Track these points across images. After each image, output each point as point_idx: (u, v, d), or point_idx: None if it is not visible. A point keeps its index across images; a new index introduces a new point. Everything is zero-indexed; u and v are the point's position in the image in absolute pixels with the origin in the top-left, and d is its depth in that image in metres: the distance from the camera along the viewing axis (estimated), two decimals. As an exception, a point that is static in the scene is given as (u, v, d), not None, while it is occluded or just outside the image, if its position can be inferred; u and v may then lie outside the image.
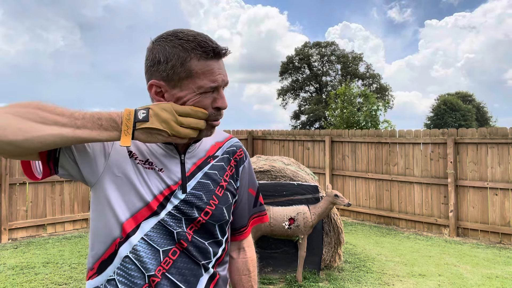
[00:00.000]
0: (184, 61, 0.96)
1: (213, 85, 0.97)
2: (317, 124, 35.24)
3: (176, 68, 0.96)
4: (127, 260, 0.97)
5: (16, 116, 0.84)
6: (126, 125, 0.90)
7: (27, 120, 0.84)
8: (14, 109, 0.85)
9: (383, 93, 35.65)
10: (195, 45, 0.96)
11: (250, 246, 1.28)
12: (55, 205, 6.84)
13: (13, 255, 5.43)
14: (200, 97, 0.98)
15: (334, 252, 4.86)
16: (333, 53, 37.84)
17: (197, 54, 0.96)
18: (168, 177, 1.01)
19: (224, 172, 1.11)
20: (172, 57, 0.96)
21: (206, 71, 0.97)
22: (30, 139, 0.83)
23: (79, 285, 4.34)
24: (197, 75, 0.96)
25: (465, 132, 6.78)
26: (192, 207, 1.02)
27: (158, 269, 0.97)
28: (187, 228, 1.01)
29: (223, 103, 1.00)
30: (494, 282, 4.52)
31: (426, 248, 5.95)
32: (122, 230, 0.97)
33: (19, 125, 0.83)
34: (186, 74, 0.96)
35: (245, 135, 10.26)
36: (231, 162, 1.14)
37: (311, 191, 4.62)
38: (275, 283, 4.41)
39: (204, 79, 0.97)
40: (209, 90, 0.98)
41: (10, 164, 6.36)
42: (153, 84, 0.99)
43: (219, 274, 1.08)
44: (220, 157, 1.12)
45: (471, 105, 42.34)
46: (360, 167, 8.13)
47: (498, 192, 6.33)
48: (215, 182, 1.08)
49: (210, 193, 1.05)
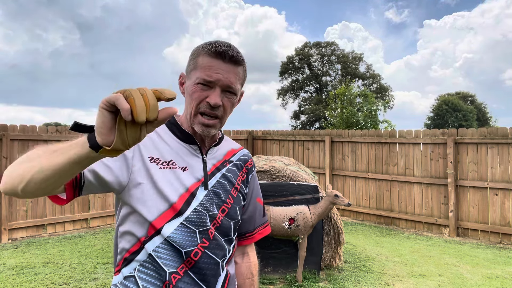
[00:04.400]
0: (197, 56, 1.09)
1: (207, 79, 1.05)
2: (317, 124, 35.23)
3: (190, 61, 1.11)
4: (148, 260, 1.04)
5: (13, 166, 0.89)
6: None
7: (19, 165, 0.87)
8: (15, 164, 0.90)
9: (383, 93, 35.64)
10: (209, 45, 1.08)
11: (253, 251, 1.38)
12: (55, 205, 6.84)
13: (13, 255, 5.43)
14: (197, 88, 1.06)
15: (334, 252, 4.86)
16: (333, 53, 37.83)
17: (205, 51, 1.08)
18: (192, 174, 1.10)
19: (237, 177, 1.22)
20: (192, 54, 1.12)
21: (207, 66, 1.06)
22: (29, 180, 0.83)
23: (79, 285, 4.34)
24: (199, 68, 1.07)
25: (465, 132, 6.78)
26: (212, 203, 1.11)
27: (181, 267, 1.05)
28: (210, 224, 1.09)
29: (212, 99, 1.05)
30: (494, 282, 4.51)
31: (426, 248, 5.95)
32: (148, 230, 1.04)
33: (17, 172, 0.86)
34: (193, 66, 1.09)
35: (245, 135, 10.26)
36: (243, 169, 1.25)
37: (311, 191, 4.62)
38: (275, 283, 4.41)
39: (202, 72, 1.06)
40: (202, 82, 1.05)
41: (10, 164, 6.36)
42: (181, 75, 1.16)
43: (230, 273, 1.16)
44: (235, 162, 1.23)
45: (472, 106, 42.34)
46: (360, 167, 8.12)
47: (498, 192, 6.33)
48: (231, 183, 1.18)
49: (227, 192, 1.16)
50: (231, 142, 1.29)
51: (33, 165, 0.82)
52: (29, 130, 6.65)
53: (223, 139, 1.25)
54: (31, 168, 0.82)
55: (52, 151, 0.81)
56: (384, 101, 23.27)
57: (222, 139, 1.24)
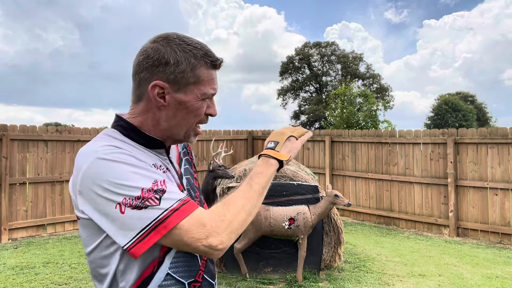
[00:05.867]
0: (195, 67, 0.98)
1: (213, 92, 1.03)
2: (317, 124, 35.23)
3: (186, 73, 0.97)
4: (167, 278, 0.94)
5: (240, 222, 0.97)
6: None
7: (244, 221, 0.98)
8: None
9: (383, 93, 35.64)
10: (204, 53, 0.99)
11: None
12: (55, 205, 6.85)
13: (13, 255, 5.43)
14: (203, 103, 1.01)
15: (334, 252, 4.86)
16: (333, 53, 37.82)
17: (206, 62, 1.00)
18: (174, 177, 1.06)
19: (191, 165, 1.21)
20: (183, 61, 0.96)
21: (210, 80, 1.01)
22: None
23: (79, 285, 4.34)
24: (203, 82, 0.99)
25: (465, 132, 6.78)
26: None
27: (199, 273, 1.01)
28: None
29: (214, 110, 1.06)
30: (494, 282, 4.51)
31: (426, 248, 5.95)
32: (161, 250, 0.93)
33: (242, 227, 0.98)
34: (195, 80, 0.98)
35: (245, 135, 10.26)
36: (189, 155, 1.23)
37: (311, 191, 4.62)
38: (275, 283, 4.41)
39: (208, 86, 1.01)
40: (209, 97, 1.03)
41: (10, 164, 6.36)
42: (157, 85, 0.96)
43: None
44: (182, 151, 1.20)
45: (472, 106, 42.34)
46: (360, 167, 8.12)
47: (498, 192, 6.32)
48: (191, 176, 1.17)
49: (193, 187, 1.14)
50: None
51: (253, 216, 0.99)
52: (29, 130, 6.65)
53: None
54: (252, 218, 0.99)
55: (260, 194, 1.01)
56: (384, 101, 23.27)
57: None
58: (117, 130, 1.00)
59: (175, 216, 0.85)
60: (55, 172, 6.86)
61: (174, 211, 0.85)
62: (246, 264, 4.52)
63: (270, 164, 1.06)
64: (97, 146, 0.91)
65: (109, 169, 0.86)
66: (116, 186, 0.84)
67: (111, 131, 1.00)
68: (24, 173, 6.55)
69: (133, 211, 0.83)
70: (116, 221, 0.84)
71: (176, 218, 0.85)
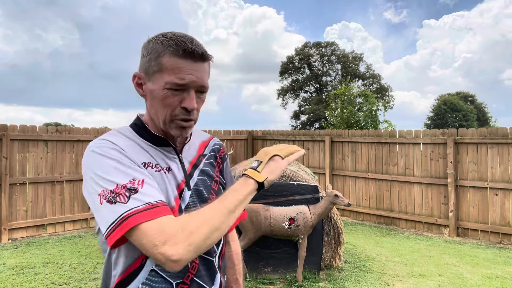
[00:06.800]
0: (158, 55, 0.98)
1: (179, 82, 0.97)
2: (317, 124, 35.23)
3: (151, 61, 0.99)
4: (153, 274, 0.98)
5: (201, 236, 0.91)
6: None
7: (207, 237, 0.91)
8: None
9: (383, 93, 35.64)
10: (172, 42, 0.97)
11: (234, 241, 1.35)
12: (55, 205, 6.85)
13: (13, 255, 5.43)
14: (168, 93, 0.98)
15: (334, 252, 4.86)
16: (333, 53, 37.82)
17: (170, 50, 0.97)
18: (175, 176, 1.05)
19: (214, 169, 1.19)
20: (151, 51, 1.00)
21: (176, 68, 0.97)
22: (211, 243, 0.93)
23: (79, 285, 4.34)
24: (166, 70, 0.97)
25: (465, 132, 6.78)
26: (196, 203, 1.08)
27: (187, 275, 1.01)
28: None
29: (189, 104, 0.99)
30: (494, 282, 4.51)
31: (426, 248, 5.95)
32: None
33: (206, 243, 0.91)
34: (158, 68, 0.98)
35: (245, 135, 10.26)
36: (217, 159, 1.22)
37: (311, 191, 4.62)
38: (275, 283, 4.41)
39: (172, 75, 0.97)
40: (175, 87, 0.97)
41: (10, 164, 6.36)
42: (135, 75, 1.04)
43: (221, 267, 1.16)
44: (208, 154, 1.20)
45: (472, 106, 42.33)
46: (360, 167, 8.12)
47: (498, 192, 6.32)
48: (210, 177, 1.15)
49: (208, 188, 1.13)
50: (200, 133, 1.23)
51: (222, 233, 0.93)
52: (29, 130, 6.65)
53: (192, 133, 1.19)
54: (220, 235, 0.93)
55: (231, 212, 0.95)
56: (384, 101, 23.28)
57: (192, 133, 1.18)
58: (131, 128, 1.07)
59: (137, 217, 0.85)
60: (55, 172, 6.86)
61: (137, 212, 0.86)
62: (246, 264, 4.52)
63: (248, 183, 1.01)
64: (98, 140, 0.99)
65: (96, 162, 0.93)
66: (98, 178, 0.90)
67: (123, 128, 1.07)
68: (24, 173, 6.55)
69: (107, 204, 0.88)
70: (98, 210, 0.90)
71: (137, 219, 0.85)
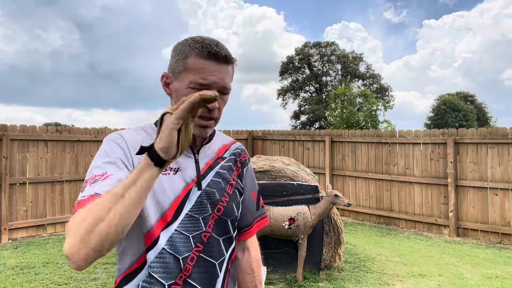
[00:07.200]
0: (185, 56, 1.04)
1: (202, 82, 1.02)
2: (317, 124, 35.22)
3: (178, 62, 1.05)
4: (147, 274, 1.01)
5: (84, 236, 0.80)
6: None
7: (91, 231, 0.81)
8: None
9: (383, 93, 35.63)
10: (199, 45, 1.03)
11: (254, 247, 1.31)
12: (55, 205, 6.85)
13: (13, 255, 5.43)
14: (191, 92, 1.02)
15: (334, 252, 4.86)
16: (333, 53, 37.82)
17: (196, 51, 1.03)
18: (185, 175, 1.07)
19: (232, 172, 1.19)
20: (179, 52, 1.06)
21: (200, 69, 1.02)
22: (113, 239, 0.81)
23: (79, 285, 4.34)
24: (191, 70, 1.03)
25: (465, 132, 6.78)
26: (206, 204, 1.08)
27: (179, 276, 1.02)
28: (205, 226, 1.06)
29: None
30: (494, 282, 4.51)
31: (426, 248, 5.95)
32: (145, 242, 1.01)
33: (95, 239, 0.80)
34: (184, 68, 1.04)
35: (245, 135, 10.26)
36: (237, 163, 1.22)
37: (311, 191, 4.62)
38: (275, 283, 4.41)
39: (196, 75, 1.02)
40: (198, 87, 1.02)
41: (10, 164, 6.36)
42: (164, 75, 1.10)
43: (229, 272, 1.13)
44: (228, 158, 1.20)
45: (472, 106, 42.33)
46: (360, 167, 8.13)
47: (498, 192, 6.33)
48: (226, 180, 1.15)
49: (221, 190, 1.12)
50: (222, 137, 1.25)
51: (111, 222, 0.79)
52: (29, 130, 6.65)
53: (214, 135, 1.21)
54: (110, 226, 0.79)
55: (119, 196, 0.80)
56: (384, 101, 23.28)
57: (213, 136, 1.21)
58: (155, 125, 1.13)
59: (79, 204, 0.88)
60: (55, 172, 6.86)
61: (81, 201, 0.88)
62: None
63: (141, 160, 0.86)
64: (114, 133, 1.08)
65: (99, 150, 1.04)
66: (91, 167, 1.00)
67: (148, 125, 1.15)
68: (24, 173, 6.55)
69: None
70: None
71: (78, 206, 0.88)
